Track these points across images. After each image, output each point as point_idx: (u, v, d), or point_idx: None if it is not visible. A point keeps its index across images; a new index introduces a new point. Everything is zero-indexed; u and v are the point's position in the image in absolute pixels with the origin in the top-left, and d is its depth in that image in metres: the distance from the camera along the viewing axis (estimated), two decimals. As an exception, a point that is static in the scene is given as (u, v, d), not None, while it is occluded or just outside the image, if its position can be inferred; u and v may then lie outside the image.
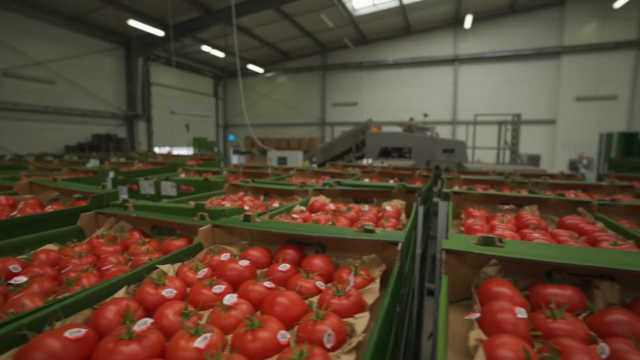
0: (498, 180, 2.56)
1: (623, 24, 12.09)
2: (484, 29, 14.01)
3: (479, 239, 0.88)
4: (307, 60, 17.27)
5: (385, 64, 15.62)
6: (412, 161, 6.77)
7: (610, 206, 1.57)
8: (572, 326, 0.67)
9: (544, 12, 13.25)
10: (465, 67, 14.45)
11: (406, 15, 13.71)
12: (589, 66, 12.60)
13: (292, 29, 14.17)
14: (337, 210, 1.80)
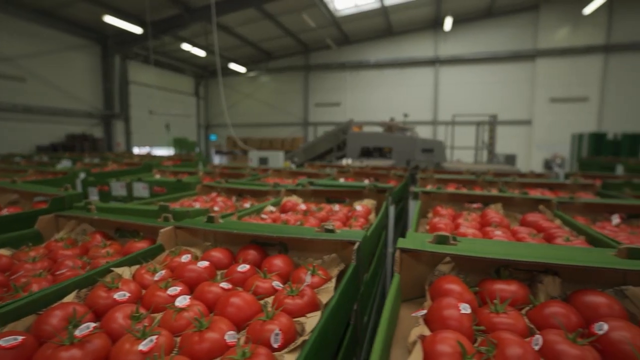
0: (470, 179, 2.62)
1: (592, 29, 12.60)
2: (463, 32, 14.31)
3: (434, 237, 0.91)
4: (290, 60, 17.22)
5: (367, 64, 15.74)
6: (393, 161, 6.85)
7: (568, 204, 1.63)
8: (513, 320, 0.69)
9: (520, 16, 13.65)
10: (445, 68, 14.73)
11: (388, 16, 13.86)
12: (562, 69, 13.07)
13: (275, 29, 14.09)
14: (308, 210, 1.81)
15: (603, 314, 0.70)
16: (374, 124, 8.92)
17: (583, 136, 10.45)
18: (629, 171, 5.28)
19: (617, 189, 2.48)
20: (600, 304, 0.72)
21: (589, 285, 0.80)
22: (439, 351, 0.58)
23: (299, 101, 17.31)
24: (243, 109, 18.27)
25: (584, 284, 0.80)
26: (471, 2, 13.23)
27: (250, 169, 3.96)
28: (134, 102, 14.27)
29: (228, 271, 1.00)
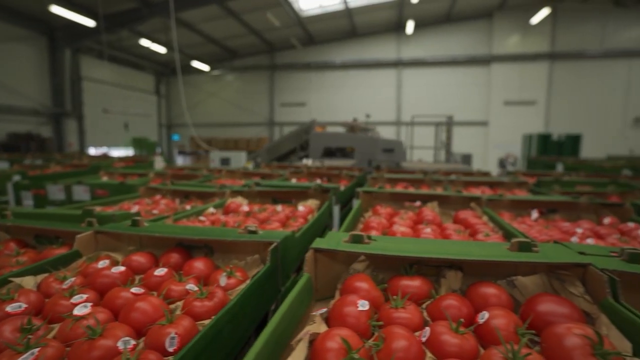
0: (418, 178, 2.71)
1: (539, 37, 13.52)
2: (424, 35, 14.82)
3: (349, 236, 0.93)
4: (255, 59, 17.00)
5: (332, 65, 15.88)
6: (354, 161, 6.96)
7: (497, 201, 1.73)
8: (409, 314, 0.73)
9: (476, 23, 14.36)
10: (408, 70, 15.18)
11: (352, 18, 14.06)
12: (514, 74, 13.90)
13: (239, 27, 13.84)
14: (251, 211, 1.79)
15: (491, 303, 0.75)
16: (336, 124, 9.01)
17: (532, 137, 11.18)
18: (568, 169, 5.72)
19: (548, 186, 2.67)
20: (490, 295, 0.77)
21: (487, 277, 0.85)
22: (326, 347, 0.60)
23: (264, 101, 17.13)
24: (207, 108, 17.81)
25: (483, 276, 0.86)
26: (431, 7, 13.72)
27: (207, 169, 3.87)
28: (88, 100, 13.45)
29: (145, 275, 0.97)
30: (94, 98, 13.70)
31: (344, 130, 7.75)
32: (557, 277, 0.78)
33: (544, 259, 0.77)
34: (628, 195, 2.38)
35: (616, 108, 13.14)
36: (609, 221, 1.50)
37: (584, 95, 13.43)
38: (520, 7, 13.52)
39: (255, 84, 17.18)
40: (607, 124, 13.21)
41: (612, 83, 13.14)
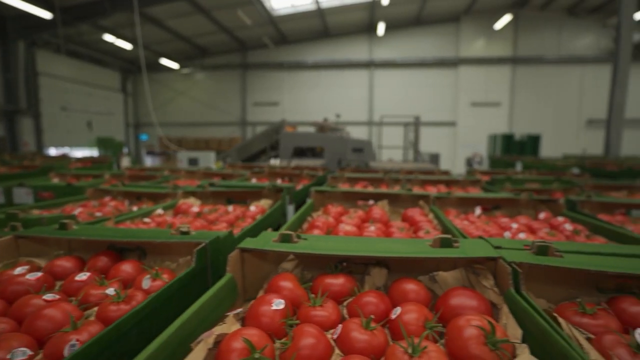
0: (377, 177, 2.75)
1: (502, 42, 14.14)
2: (395, 37, 15.10)
3: (278, 236, 0.92)
4: (227, 58, 16.69)
5: (305, 64, 15.87)
6: (324, 160, 6.98)
7: (445, 198, 1.78)
8: (326, 312, 0.73)
9: (444, 26, 14.80)
10: (379, 71, 15.41)
11: (324, 18, 14.10)
12: (480, 76, 14.46)
13: (209, 24, 13.54)
14: (201, 212, 1.75)
15: (410, 299, 0.77)
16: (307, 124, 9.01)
17: (496, 137, 11.68)
18: (526, 167, 6.01)
19: (501, 183, 2.78)
20: (409, 291, 0.78)
21: (412, 274, 0.87)
22: (230, 348, 0.59)
23: (236, 100, 16.86)
24: (177, 107, 17.31)
25: (409, 273, 0.88)
26: (402, 10, 14.01)
27: (169, 170, 3.75)
28: (46, 97, 12.69)
29: (65, 281, 0.92)
30: (53, 95, 12.96)
31: (314, 130, 7.76)
32: (473, 271, 0.81)
33: (461, 254, 0.80)
34: (570, 191, 2.52)
35: (571, 111, 13.97)
36: (543, 216, 1.59)
37: (543, 98, 14.18)
38: (485, 13, 14.07)
39: (226, 82, 16.88)
40: (564, 125, 14.01)
41: (568, 87, 13.97)
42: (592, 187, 2.65)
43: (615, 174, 4.09)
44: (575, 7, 13.40)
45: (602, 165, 4.74)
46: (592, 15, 13.63)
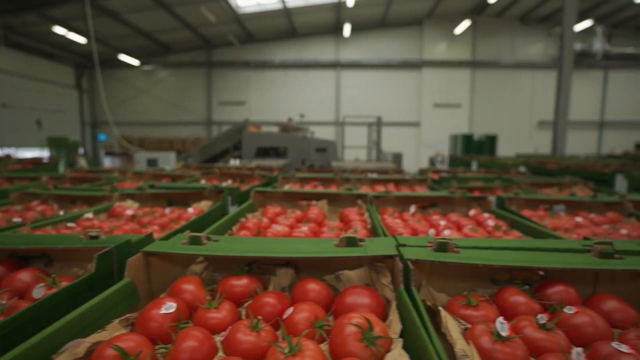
0: (328, 177, 2.78)
1: (462, 46, 14.78)
2: (361, 38, 15.34)
3: (187, 238, 0.90)
4: (191, 55, 16.22)
5: (272, 64, 15.74)
6: (287, 160, 6.96)
7: (384, 197, 1.83)
8: (221, 314, 0.72)
9: (408, 29, 15.23)
10: (346, 72, 15.59)
11: (290, 18, 14.06)
12: (442, 78, 15.01)
13: (171, 20, 13.08)
14: (135, 215, 1.68)
15: (310, 298, 0.78)
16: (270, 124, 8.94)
17: (457, 137, 12.18)
18: (480, 166, 6.32)
19: (447, 182, 2.89)
20: (309, 290, 0.79)
21: (319, 273, 0.88)
22: (102, 356, 0.56)
23: (201, 99, 16.42)
24: (139, 105, 16.58)
25: (317, 272, 0.88)
26: (367, 12, 14.25)
27: (118, 172, 3.57)
28: (-14, 92, 11.73)
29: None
30: (-4, 91, 11.99)
31: (278, 130, 7.72)
32: (375, 269, 0.83)
33: (362, 253, 0.82)
34: (509, 188, 2.67)
35: (525, 112, 14.86)
36: (473, 213, 1.67)
37: (499, 100, 14.97)
38: (446, 18, 14.63)
39: (191, 81, 16.39)
40: (518, 125, 14.87)
41: (521, 91, 14.84)
42: (528, 185, 2.82)
43: (555, 172, 4.38)
44: (526, 16, 14.27)
45: (544, 164, 5.07)
46: (540, 24, 14.57)
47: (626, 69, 14.69)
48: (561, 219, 1.66)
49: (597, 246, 0.85)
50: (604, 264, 0.80)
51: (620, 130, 15.00)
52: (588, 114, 14.96)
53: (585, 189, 2.76)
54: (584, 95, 14.64)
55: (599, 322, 0.67)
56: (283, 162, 6.48)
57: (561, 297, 0.76)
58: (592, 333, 0.66)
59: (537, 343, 0.63)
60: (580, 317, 0.68)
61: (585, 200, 1.85)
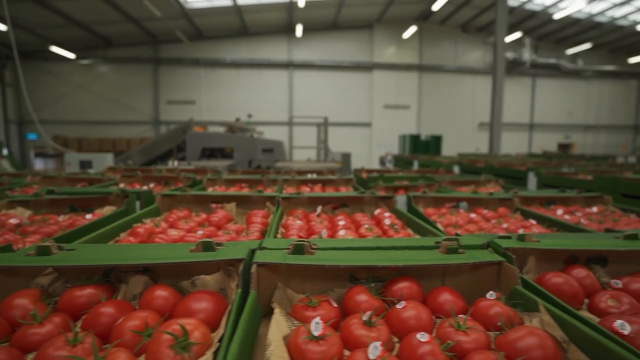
0: (255, 179, 2.75)
1: (410, 51, 15.46)
2: (313, 39, 15.46)
3: (34, 248, 0.84)
4: (136, 50, 15.31)
5: (223, 62, 15.34)
6: (233, 161, 6.82)
7: (295, 199, 1.85)
8: (42, 329, 0.68)
9: (359, 32, 15.60)
10: (299, 72, 15.62)
11: (242, 15, 13.80)
12: (392, 81, 15.58)
13: (110, 11, 12.24)
14: (21, 223, 1.54)
15: (156, 305, 0.76)
16: (216, 124, 8.72)
17: (405, 137, 12.70)
18: (422, 165, 6.64)
19: (374, 181, 2.99)
20: (155, 297, 0.77)
21: (179, 279, 0.86)
22: None
23: (148, 97, 15.57)
24: (76, 102, 15.33)
25: (176, 278, 0.86)
26: (319, 13, 14.40)
27: (31, 175, 3.26)
28: None
29: None
30: None
31: (224, 131, 7.53)
32: (227, 273, 0.83)
33: (212, 257, 0.81)
34: (431, 187, 2.82)
35: (467, 114, 15.89)
36: (377, 212, 1.74)
37: (445, 103, 15.85)
38: (395, 23, 15.20)
39: (136, 78, 15.48)
40: (461, 127, 15.87)
41: (463, 94, 15.85)
42: (448, 183, 3.00)
43: (481, 170, 4.73)
44: (466, 25, 15.28)
45: (474, 162, 5.44)
46: (479, 33, 15.67)
47: (550, 77, 16.29)
48: (458, 216, 1.78)
49: (444, 242, 0.92)
50: (446, 259, 0.87)
51: (547, 132, 16.60)
52: (520, 117, 16.36)
53: (497, 186, 3.00)
54: (517, 100, 15.99)
55: (422, 315, 0.73)
56: (227, 163, 6.34)
57: (402, 293, 0.81)
58: (415, 325, 0.71)
59: (358, 339, 0.67)
60: (406, 311, 0.73)
61: (484, 197, 2.01)
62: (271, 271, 0.83)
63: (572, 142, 16.76)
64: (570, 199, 2.12)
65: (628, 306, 0.84)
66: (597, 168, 4.09)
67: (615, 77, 16.87)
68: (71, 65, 14.98)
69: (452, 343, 0.64)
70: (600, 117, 17.10)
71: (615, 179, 2.97)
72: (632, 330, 0.67)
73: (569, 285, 0.90)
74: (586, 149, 16.67)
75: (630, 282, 0.92)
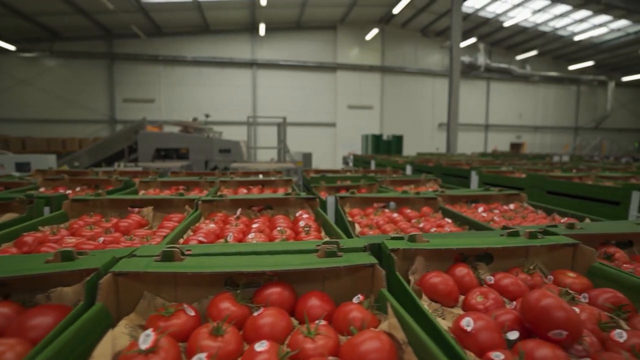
0: (193, 181, 2.67)
1: (373, 52, 15.76)
2: (277, 39, 15.34)
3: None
4: (88, 45, 14.43)
5: (184, 60, 14.84)
6: (188, 162, 6.61)
7: (218, 201, 1.80)
8: None
9: (323, 33, 15.68)
10: (262, 72, 15.44)
11: (203, 12, 13.42)
12: (355, 81, 15.79)
13: (54, 0, 11.44)
14: None
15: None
16: (170, 123, 8.43)
17: (368, 137, 12.92)
18: (378, 165, 6.78)
19: (317, 182, 3.00)
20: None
21: (38, 291, 0.80)
22: None
23: (103, 95, 14.75)
24: (20, 99, 14.22)
25: (34, 291, 0.80)
26: (282, 12, 14.30)
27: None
28: None
29: None
30: None
31: (177, 130, 7.29)
32: (86, 284, 0.78)
33: (75, 267, 0.76)
34: (373, 187, 2.87)
35: (428, 115, 16.45)
36: (299, 213, 1.73)
37: (406, 103, 16.31)
38: (358, 24, 15.42)
39: (89, 74, 14.61)
40: (422, 127, 16.40)
41: (424, 95, 16.39)
42: (389, 183, 3.07)
43: (431, 169, 4.90)
44: (426, 29, 15.81)
45: (425, 162, 5.62)
46: (438, 37, 16.28)
47: (503, 81, 17.26)
48: (381, 216, 1.82)
49: (323, 246, 0.92)
50: (321, 262, 0.87)
51: (501, 132, 17.57)
52: (477, 118, 17.19)
53: (435, 185, 3.11)
54: (474, 102, 16.78)
55: (278, 322, 0.72)
56: (181, 164, 6.13)
57: (269, 298, 0.80)
58: (268, 332, 0.70)
59: (201, 349, 0.64)
60: (261, 318, 0.71)
61: (411, 197, 2.06)
62: (135, 280, 0.79)
63: (522, 142, 17.88)
64: (492, 196, 2.23)
65: (492, 302, 0.88)
66: (532, 167, 4.35)
67: (559, 82, 18.24)
68: (12, 58, 13.86)
69: (292, 351, 0.63)
70: (546, 119, 18.38)
71: (541, 177, 3.17)
72: (474, 327, 0.70)
73: (444, 285, 0.93)
74: (535, 148, 17.85)
75: (502, 278, 0.97)
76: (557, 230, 1.23)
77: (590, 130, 19.61)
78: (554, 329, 0.67)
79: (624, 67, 18.81)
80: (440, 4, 13.21)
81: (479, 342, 0.69)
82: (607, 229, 1.28)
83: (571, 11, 13.43)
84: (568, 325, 0.66)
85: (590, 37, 15.30)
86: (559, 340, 0.67)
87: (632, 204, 2.44)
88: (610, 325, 0.76)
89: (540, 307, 0.69)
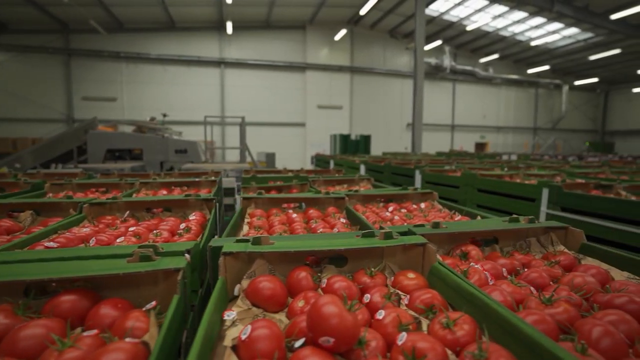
0: (114, 182, 2.55)
1: (342, 53, 15.84)
2: (245, 38, 15.12)
3: None
4: (41, 39, 13.68)
5: (148, 57, 14.36)
6: (141, 163, 6.39)
7: (110, 204, 1.72)
8: None
9: (292, 33, 15.60)
10: (230, 71, 15.18)
11: (167, 8, 13.03)
12: (325, 82, 15.81)
13: (3, -8, 10.80)
14: None
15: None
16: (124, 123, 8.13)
17: (336, 136, 12.96)
18: (336, 165, 6.80)
19: (247, 182, 2.95)
20: None
21: None
22: None
23: (59, 92, 14.03)
24: (-38, 95, 13.32)
25: None
26: (250, 11, 14.10)
27: None
28: None
29: None
30: None
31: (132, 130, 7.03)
32: None
33: None
34: (304, 187, 2.84)
35: (396, 115, 16.72)
36: (193, 216, 1.68)
37: (375, 104, 16.50)
38: (327, 25, 15.45)
39: (43, 69, 13.85)
40: (391, 127, 16.65)
41: (393, 96, 16.64)
42: (322, 183, 3.06)
43: (382, 169, 4.96)
44: (394, 31, 16.06)
45: (378, 162, 5.68)
46: (405, 39, 16.57)
47: (467, 82, 17.81)
48: (281, 217, 1.79)
49: (138, 250, 0.88)
50: (132, 267, 0.82)
51: (466, 132, 18.12)
52: (443, 118, 17.64)
53: (368, 185, 3.13)
54: (440, 102, 17.20)
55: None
56: (131, 165, 5.91)
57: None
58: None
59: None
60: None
61: (321, 197, 2.05)
62: None
63: (486, 142, 18.53)
64: (406, 195, 2.26)
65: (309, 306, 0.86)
66: (471, 166, 4.48)
67: (519, 85, 19.06)
68: (-45, 52, 12.97)
69: None
70: (508, 120, 19.15)
71: (473, 176, 3.26)
72: (249, 336, 0.67)
73: (268, 289, 0.91)
74: (497, 148, 18.54)
75: (335, 282, 0.96)
76: (420, 230, 1.24)
77: (548, 130, 20.63)
78: (322, 335, 0.65)
79: (576, 71, 19.94)
80: (407, 7, 13.45)
81: (253, 352, 0.66)
82: (475, 227, 1.31)
83: (527, 18, 14.03)
84: (335, 331, 0.65)
85: (545, 43, 16.08)
86: (329, 347, 0.66)
87: (542, 200, 2.55)
88: (405, 328, 0.76)
89: (314, 314, 0.68)
